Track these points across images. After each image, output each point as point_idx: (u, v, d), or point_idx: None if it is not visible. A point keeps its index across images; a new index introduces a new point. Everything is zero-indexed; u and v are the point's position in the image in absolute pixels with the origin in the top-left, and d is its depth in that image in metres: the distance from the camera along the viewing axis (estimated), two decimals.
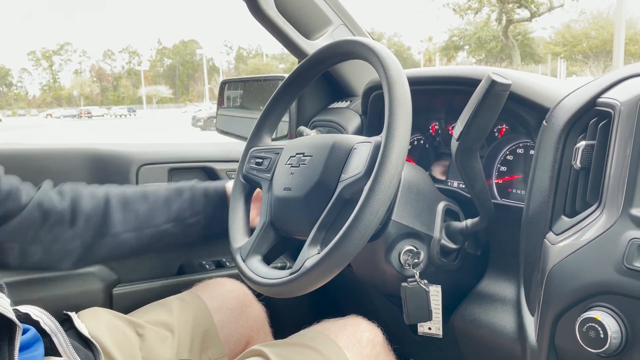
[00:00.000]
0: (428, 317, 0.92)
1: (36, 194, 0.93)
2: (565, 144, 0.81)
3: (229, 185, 1.10)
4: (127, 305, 1.15)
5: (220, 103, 1.77)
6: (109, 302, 1.26)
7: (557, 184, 0.81)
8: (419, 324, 1.00)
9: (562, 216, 0.80)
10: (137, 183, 1.31)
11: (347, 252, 0.75)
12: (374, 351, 0.95)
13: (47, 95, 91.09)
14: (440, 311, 0.97)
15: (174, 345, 0.96)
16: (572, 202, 0.80)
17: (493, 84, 0.77)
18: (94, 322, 0.94)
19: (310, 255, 0.81)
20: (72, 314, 0.94)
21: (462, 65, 1.24)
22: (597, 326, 0.66)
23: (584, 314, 0.68)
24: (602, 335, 0.66)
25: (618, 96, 0.74)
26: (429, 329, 1.00)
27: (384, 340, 1.00)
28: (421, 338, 1.08)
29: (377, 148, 0.80)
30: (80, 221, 0.95)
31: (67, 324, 0.92)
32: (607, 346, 0.65)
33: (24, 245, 0.91)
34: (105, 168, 1.30)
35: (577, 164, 0.77)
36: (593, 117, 0.78)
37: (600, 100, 0.77)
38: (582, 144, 0.77)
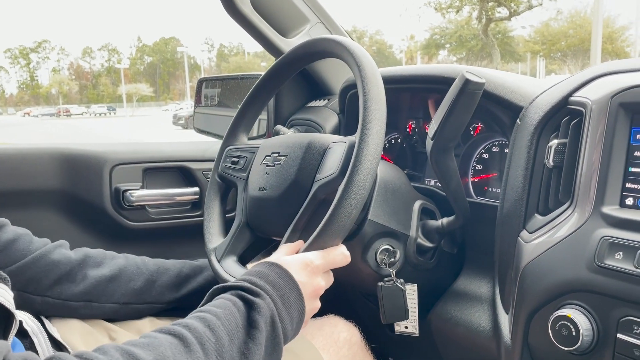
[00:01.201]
0: (404, 316, 0.92)
1: (46, 246, 0.89)
2: (538, 143, 0.82)
3: None
4: None
5: (197, 101, 1.75)
6: None
7: (531, 183, 0.82)
8: (395, 323, 1.00)
9: (536, 214, 0.80)
10: (110, 184, 1.29)
11: None
12: (350, 351, 0.95)
13: (24, 93, 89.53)
14: (416, 310, 0.97)
15: None
16: (545, 201, 0.80)
17: (467, 82, 0.77)
18: (66, 326, 0.92)
19: None
20: (45, 318, 0.92)
21: (437, 64, 1.23)
22: (569, 324, 0.67)
23: (557, 311, 0.69)
24: (574, 333, 0.66)
25: (589, 95, 0.74)
26: (406, 327, 1.00)
27: (361, 340, 0.99)
28: (399, 337, 1.08)
29: (351, 148, 0.79)
30: (88, 282, 0.90)
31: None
32: (579, 344, 0.66)
33: (23, 292, 0.86)
34: (78, 169, 1.27)
35: (550, 162, 0.78)
36: (565, 115, 0.79)
37: (572, 98, 0.78)
38: (554, 142, 0.78)
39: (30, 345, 0.81)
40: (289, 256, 0.75)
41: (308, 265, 0.73)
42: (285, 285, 0.69)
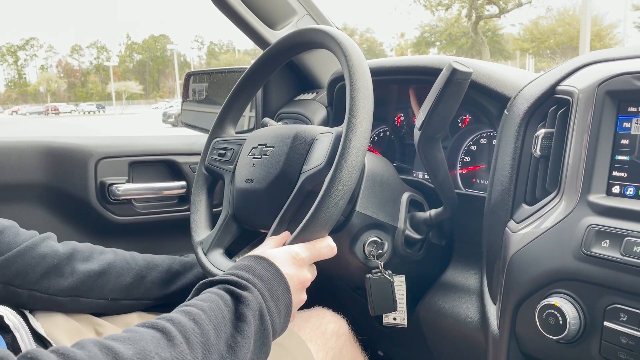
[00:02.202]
0: (393, 307, 0.92)
1: (33, 238, 0.87)
2: (525, 132, 0.81)
3: None
4: None
5: (185, 96, 1.73)
6: None
7: (518, 173, 0.81)
8: (384, 315, 1.00)
9: (523, 204, 0.80)
10: (95, 177, 1.27)
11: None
12: (338, 342, 0.94)
13: (12, 91, 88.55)
14: (404, 301, 0.96)
15: None
16: (533, 190, 0.80)
17: (454, 72, 0.76)
18: (51, 321, 0.91)
19: None
20: (28, 313, 0.91)
21: (425, 55, 1.23)
22: (556, 313, 0.67)
23: (544, 300, 0.69)
24: (561, 322, 0.66)
25: (576, 83, 0.74)
26: (394, 319, 1.00)
27: (349, 331, 0.99)
28: (387, 329, 1.08)
29: (338, 138, 0.78)
30: (77, 276, 0.89)
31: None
32: (566, 332, 0.66)
33: (9, 285, 0.84)
34: (62, 162, 1.25)
35: (537, 152, 0.77)
36: (552, 105, 0.79)
37: (559, 88, 0.78)
38: (541, 132, 0.77)
39: (13, 341, 0.79)
40: (275, 249, 0.74)
41: (294, 258, 0.72)
42: (273, 278, 0.68)
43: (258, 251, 0.74)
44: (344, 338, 0.95)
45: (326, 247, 0.76)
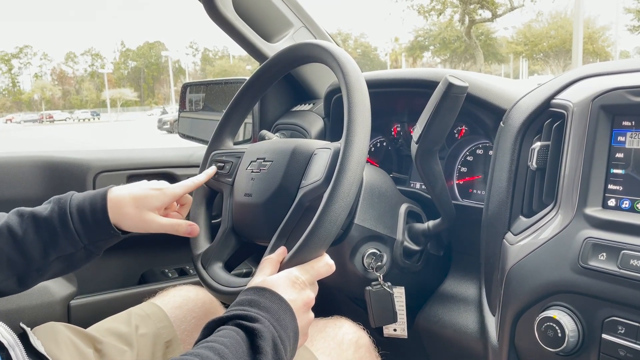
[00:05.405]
0: (393, 319, 0.92)
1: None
2: (521, 145, 0.82)
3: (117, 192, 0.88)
4: (86, 317, 1.11)
5: (182, 106, 1.74)
6: (67, 314, 1.22)
7: (515, 185, 0.82)
8: (384, 327, 1.00)
9: (520, 216, 0.81)
10: None
11: (307, 260, 0.74)
12: (357, 354, 0.89)
13: (6, 99, 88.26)
14: (404, 312, 0.97)
15: (133, 359, 0.93)
16: (530, 203, 0.81)
17: (450, 86, 0.77)
18: (50, 338, 0.90)
19: None
20: (28, 330, 0.90)
21: (421, 68, 1.24)
22: (554, 325, 0.67)
23: (542, 313, 0.69)
24: (559, 334, 0.67)
25: (571, 97, 0.75)
26: (394, 330, 1.00)
27: (370, 342, 0.96)
28: (387, 339, 1.08)
29: (336, 154, 0.79)
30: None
31: (22, 339, 0.88)
32: (564, 345, 0.66)
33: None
34: (61, 177, 1.25)
35: (533, 164, 0.78)
36: (548, 118, 0.80)
37: (554, 101, 0.78)
38: (537, 144, 0.78)
39: (7, 358, 0.79)
40: (275, 276, 0.74)
41: (295, 282, 0.73)
42: (279, 308, 0.69)
43: (257, 280, 0.74)
44: (363, 349, 0.92)
45: (324, 265, 0.76)
